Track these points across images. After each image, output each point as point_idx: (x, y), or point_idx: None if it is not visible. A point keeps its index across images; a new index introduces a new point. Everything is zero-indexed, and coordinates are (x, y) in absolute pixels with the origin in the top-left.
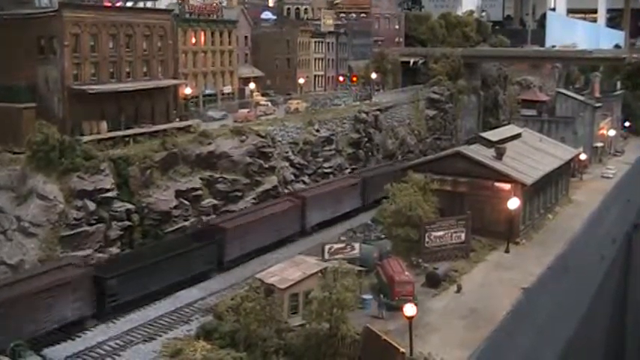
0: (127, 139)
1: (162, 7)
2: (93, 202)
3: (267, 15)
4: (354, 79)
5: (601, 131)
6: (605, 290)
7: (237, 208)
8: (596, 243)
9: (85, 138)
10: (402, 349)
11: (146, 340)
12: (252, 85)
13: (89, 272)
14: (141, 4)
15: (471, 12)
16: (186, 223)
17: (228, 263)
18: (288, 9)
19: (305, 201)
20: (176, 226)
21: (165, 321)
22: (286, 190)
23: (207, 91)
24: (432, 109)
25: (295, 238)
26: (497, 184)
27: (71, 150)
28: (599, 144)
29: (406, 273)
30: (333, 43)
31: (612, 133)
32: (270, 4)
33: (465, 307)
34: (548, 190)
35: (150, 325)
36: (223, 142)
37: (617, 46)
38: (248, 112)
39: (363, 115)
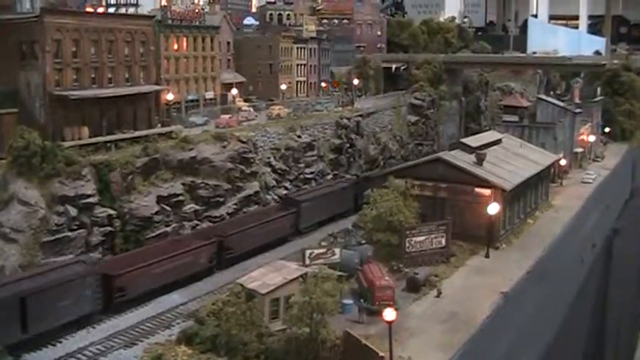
0: (108, 144)
1: (145, 13)
2: (74, 207)
3: (249, 20)
4: (336, 84)
5: (581, 137)
6: (585, 294)
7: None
8: (576, 247)
9: (67, 143)
10: (381, 354)
11: (127, 346)
12: (234, 91)
13: None
14: (123, 10)
15: (453, 18)
16: (168, 229)
17: None
18: (271, 15)
19: None
20: (157, 232)
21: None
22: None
23: (190, 97)
24: (413, 114)
25: None
26: (477, 189)
27: (53, 155)
28: (580, 149)
29: (386, 278)
30: (315, 48)
31: (592, 138)
32: (253, 9)
33: (445, 312)
34: (528, 195)
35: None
36: (205, 147)
37: (597, 53)
38: (230, 117)
39: (345, 121)
